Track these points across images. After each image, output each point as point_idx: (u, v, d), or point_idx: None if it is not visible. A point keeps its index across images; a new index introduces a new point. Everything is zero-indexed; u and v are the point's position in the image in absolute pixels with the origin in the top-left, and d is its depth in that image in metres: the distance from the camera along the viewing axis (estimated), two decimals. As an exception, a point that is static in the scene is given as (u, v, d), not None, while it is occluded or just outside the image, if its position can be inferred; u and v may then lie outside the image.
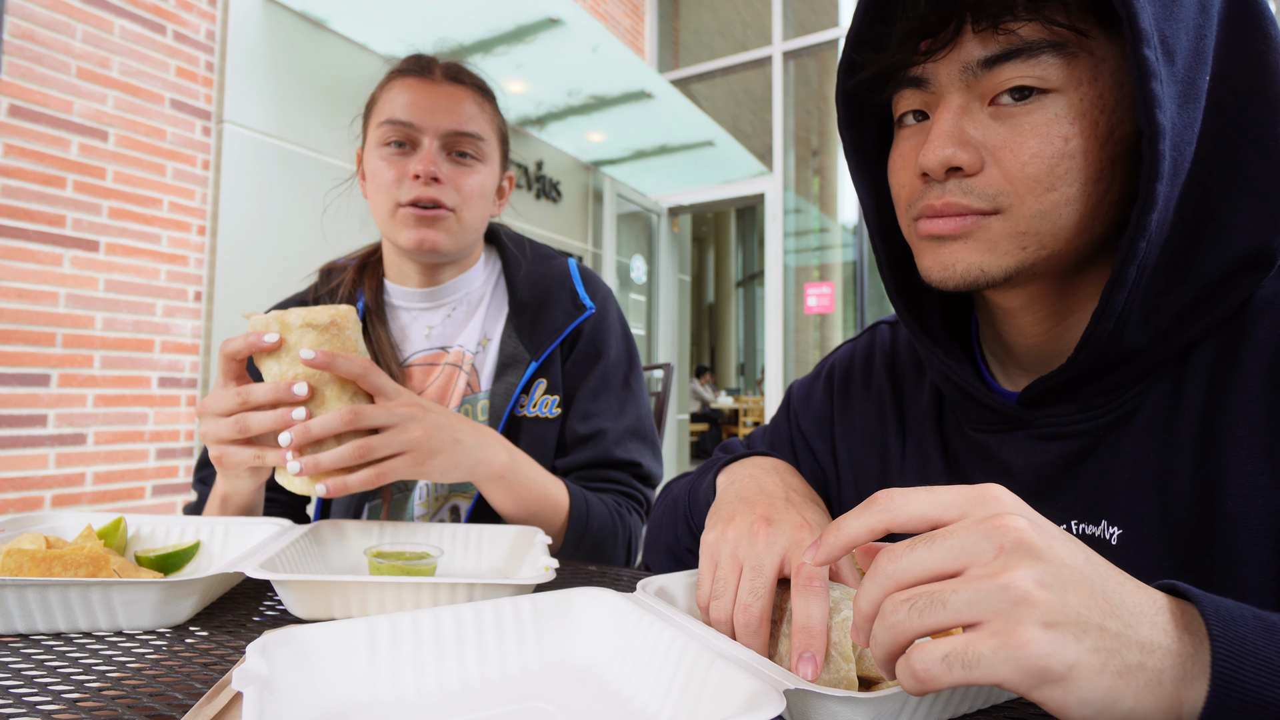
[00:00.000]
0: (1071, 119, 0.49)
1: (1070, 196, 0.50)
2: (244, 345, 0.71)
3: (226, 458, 0.73)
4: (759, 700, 0.35)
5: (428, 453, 0.76)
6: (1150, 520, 0.52)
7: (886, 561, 0.35)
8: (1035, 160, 0.49)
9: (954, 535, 0.33)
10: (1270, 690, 0.30)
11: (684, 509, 0.74)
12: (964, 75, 0.52)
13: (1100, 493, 0.55)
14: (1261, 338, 0.50)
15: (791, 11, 6.31)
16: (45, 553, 0.59)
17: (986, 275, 0.53)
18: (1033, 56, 0.49)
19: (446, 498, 1.03)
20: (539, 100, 4.87)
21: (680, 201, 6.75)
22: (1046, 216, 0.51)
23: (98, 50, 2.87)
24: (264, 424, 0.71)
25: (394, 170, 0.97)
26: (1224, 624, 0.32)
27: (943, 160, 0.52)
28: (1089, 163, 0.50)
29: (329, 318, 0.72)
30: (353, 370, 0.72)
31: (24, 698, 0.44)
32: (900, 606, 0.33)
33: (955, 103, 0.52)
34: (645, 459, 1.06)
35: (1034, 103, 0.50)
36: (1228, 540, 0.49)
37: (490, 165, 1.03)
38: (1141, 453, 0.53)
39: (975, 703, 0.44)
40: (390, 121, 0.97)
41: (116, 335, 2.93)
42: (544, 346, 1.03)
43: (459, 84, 1.01)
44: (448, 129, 0.97)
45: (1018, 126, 0.50)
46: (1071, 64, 0.49)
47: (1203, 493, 0.50)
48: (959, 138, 0.52)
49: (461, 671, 0.47)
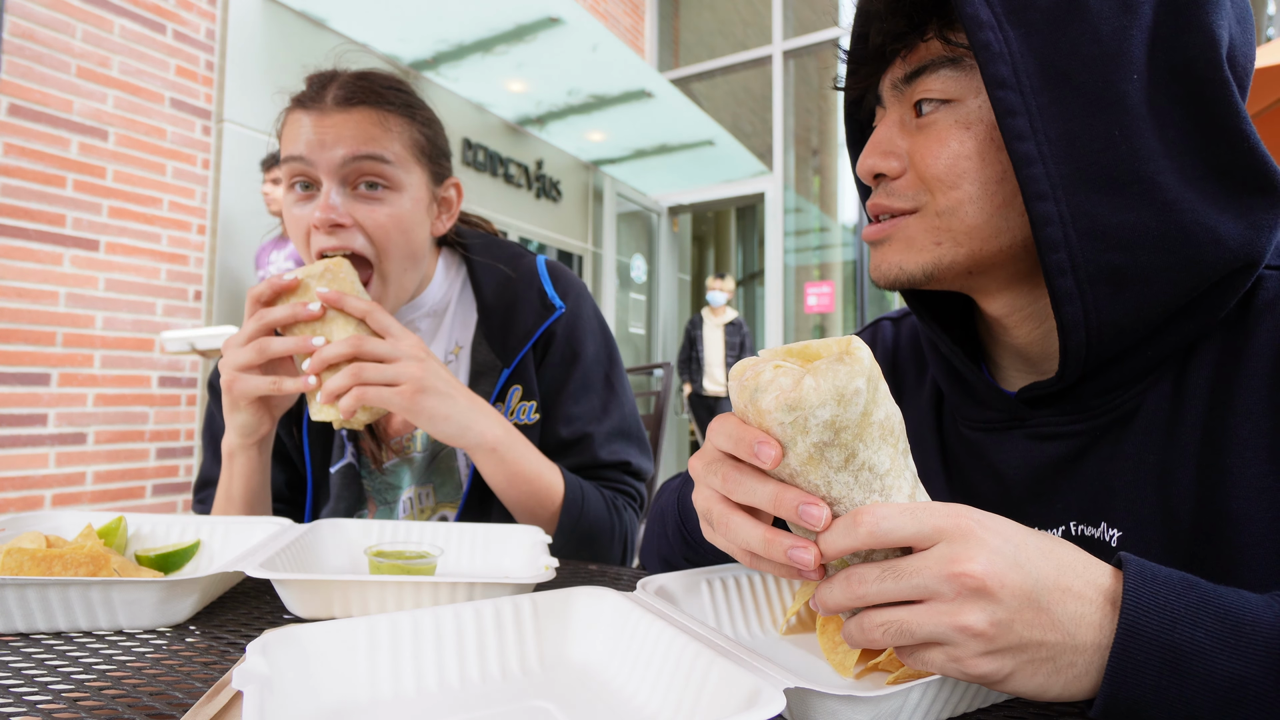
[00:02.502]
0: (966, 124, 0.53)
1: (972, 195, 0.53)
2: (268, 288, 0.80)
3: (238, 383, 0.80)
4: (759, 699, 0.35)
5: (420, 390, 0.79)
6: (1151, 522, 0.52)
7: (857, 585, 0.39)
8: (936, 161, 0.54)
9: (918, 575, 0.38)
10: (1170, 633, 0.37)
11: (674, 518, 0.74)
12: (894, 91, 0.58)
13: (1099, 494, 0.55)
14: (1264, 339, 0.50)
15: (792, 11, 6.31)
16: (45, 552, 0.59)
17: (906, 273, 0.57)
18: (934, 71, 0.54)
19: (434, 509, 1.02)
20: (539, 99, 4.87)
21: (680, 201, 6.75)
22: (954, 213, 0.54)
23: (98, 49, 2.87)
24: (284, 347, 0.80)
25: (300, 215, 0.89)
26: (1138, 583, 0.38)
27: (867, 168, 0.59)
28: (986, 164, 0.53)
29: (323, 268, 0.82)
30: (360, 307, 0.81)
31: (24, 696, 0.44)
32: (875, 629, 0.39)
33: (893, 116, 0.59)
34: (634, 457, 1.05)
35: (938, 112, 0.55)
36: (1230, 542, 0.48)
37: (409, 189, 0.92)
38: (1142, 454, 0.53)
39: (975, 702, 0.44)
40: (289, 158, 0.89)
41: (117, 335, 2.94)
42: (515, 352, 1.00)
43: (355, 106, 0.88)
44: (343, 156, 0.86)
45: (926, 134, 0.55)
46: (967, 76, 0.53)
47: (1205, 494, 0.50)
48: (885, 147, 0.58)
49: (461, 670, 0.47)
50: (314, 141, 0.87)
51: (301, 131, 0.88)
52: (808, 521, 0.39)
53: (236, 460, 0.86)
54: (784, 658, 0.53)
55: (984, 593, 0.37)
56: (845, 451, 0.38)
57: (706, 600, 0.58)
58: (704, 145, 5.72)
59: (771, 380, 0.38)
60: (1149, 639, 0.37)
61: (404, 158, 0.91)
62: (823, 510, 0.39)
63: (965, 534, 0.38)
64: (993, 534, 0.38)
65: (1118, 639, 0.37)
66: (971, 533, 0.38)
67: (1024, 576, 0.37)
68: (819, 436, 0.37)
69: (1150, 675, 0.37)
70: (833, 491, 0.39)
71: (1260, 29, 4.57)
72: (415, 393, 0.79)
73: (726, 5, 6.85)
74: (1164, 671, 0.37)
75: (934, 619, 0.37)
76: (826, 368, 0.37)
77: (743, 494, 0.41)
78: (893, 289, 0.60)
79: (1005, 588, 0.37)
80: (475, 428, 0.84)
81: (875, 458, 0.39)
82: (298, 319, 0.80)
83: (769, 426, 0.39)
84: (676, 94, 5.02)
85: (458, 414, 0.82)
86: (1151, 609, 0.37)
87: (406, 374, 0.79)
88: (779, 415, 0.38)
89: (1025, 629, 0.37)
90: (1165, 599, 0.38)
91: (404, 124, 0.92)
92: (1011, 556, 0.38)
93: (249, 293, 0.81)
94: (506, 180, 5.15)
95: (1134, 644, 0.37)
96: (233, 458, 0.86)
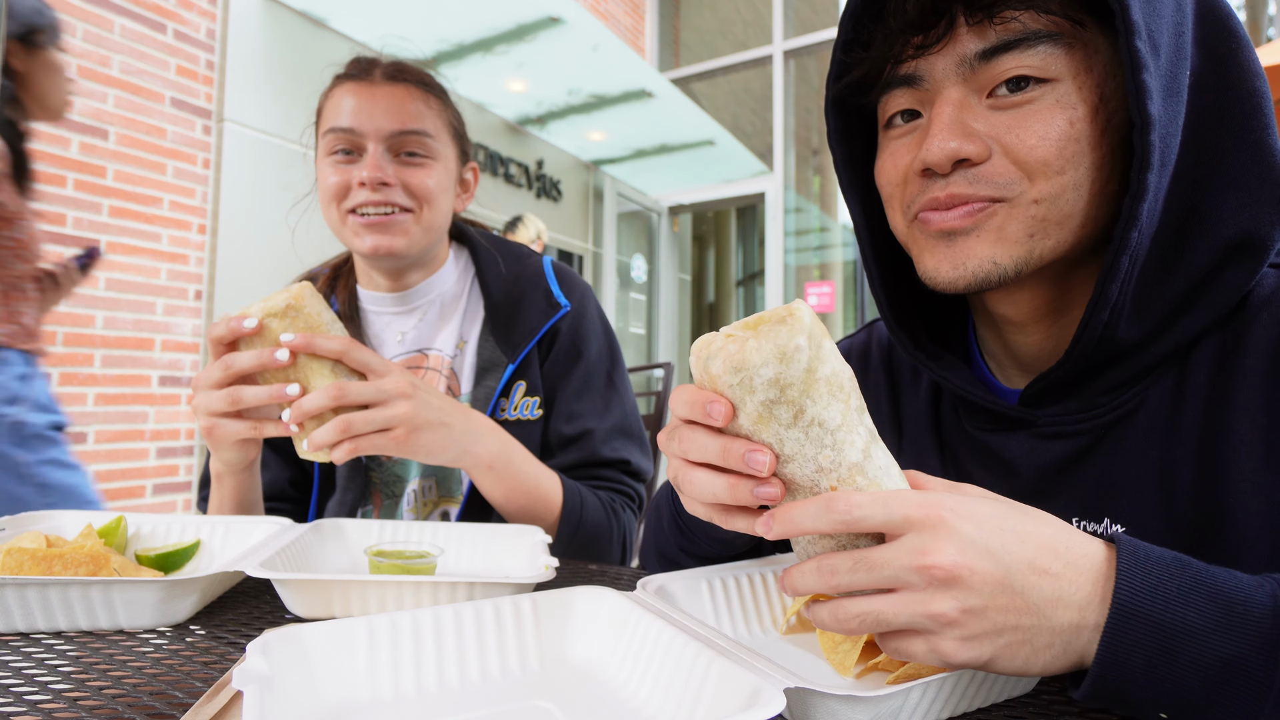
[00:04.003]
0: (1074, 103, 0.49)
1: (1079, 180, 0.50)
2: (226, 330, 0.75)
3: (217, 429, 0.77)
4: (759, 699, 0.35)
5: (414, 430, 0.77)
6: (1152, 517, 0.52)
7: (829, 575, 0.40)
8: (1043, 143, 0.49)
9: (888, 568, 0.39)
10: (1163, 613, 0.37)
11: (669, 511, 0.74)
12: (960, 69, 0.51)
13: (1103, 491, 0.55)
14: (1260, 335, 0.50)
15: (792, 10, 6.30)
16: (45, 551, 0.59)
17: (999, 268, 0.52)
18: (1031, 46, 0.49)
19: (436, 503, 1.02)
20: (539, 99, 4.86)
21: (680, 200, 6.74)
22: (1056, 201, 0.50)
23: (98, 49, 2.87)
24: (258, 398, 0.75)
25: (340, 178, 0.95)
26: (1131, 563, 0.38)
27: (949, 153, 0.51)
28: (1093, 147, 0.50)
29: (284, 303, 0.75)
30: (334, 349, 0.75)
31: (24, 696, 0.44)
32: (852, 618, 0.40)
33: (953, 96, 0.52)
34: (634, 456, 1.06)
35: (1034, 91, 0.50)
36: (1229, 537, 0.49)
37: (444, 161, 1.00)
38: (1144, 450, 0.54)
39: (975, 702, 0.44)
40: (334, 130, 0.95)
41: (117, 334, 2.94)
42: (520, 348, 1.01)
43: (400, 83, 0.97)
44: (391, 130, 0.94)
45: (1022, 114, 0.50)
46: (1069, 53, 0.49)
47: (1205, 490, 0.50)
48: (962, 129, 0.51)
49: (462, 670, 0.47)
50: (364, 112, 0.94)
51: (350, 102, 0.95)
52: (754, 467, 0.40)
53: (226, 482, 0.86)
54: (784, 658, 0.53)
55: (954, 582, 0.37)
56: (793, 408, 0.39)
57: (706, 600, 0.58)
58: (704, 145, 5.71)
59: (721, 347, 0.40)
60: (1141, 619, 0.37)
61: (442, 133, 1.00)
62: (766, 455, 0.40)
63: (935, 524, 0.38)
64: (965, 520, 0.38)
65: (1110, 619, 0.37)
66: (942, 522, 0.38)
67: (995, 564, 0.38)
68: (765, 395, 0.39)
69: (1141, 655, 0.37)
70: (785, 449, 0.40)
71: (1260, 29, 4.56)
72: (410, 434, 0.77)
73: (727, 5, 6.84)
74: (1155, 651, 0.37)
75: (907, 608, 0.38)
76: (769, 330, 0.39)
77: (697, 451, 0.43)
78: (972, 289, 0.53)
79: (976, 574, 0.37)
80: (472, 450, 0.84)
81: (825, 413, 0.40)
82: (266, 368, 0.75)
83: (720, 389, 0.41)
84: (677, 94, 5.01)
85: (453, 442, 0.81)
86: (1144, 590, 0.38)
87: (398, 417, 0.76)
88: (727, 378, 0.40)
89: (999, 615, 0.38)
90: (1158, 579, 0.38)
91: (440, 105, 1.01)
92: (983, 544, 0.38)
93: (209, 331, 0.76)
94: (507, 180, 5.14)
95: (1127, 624, 0.37)
96: (222, 480, 0.86)
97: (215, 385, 0.75)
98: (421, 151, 0.97)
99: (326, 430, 0.74)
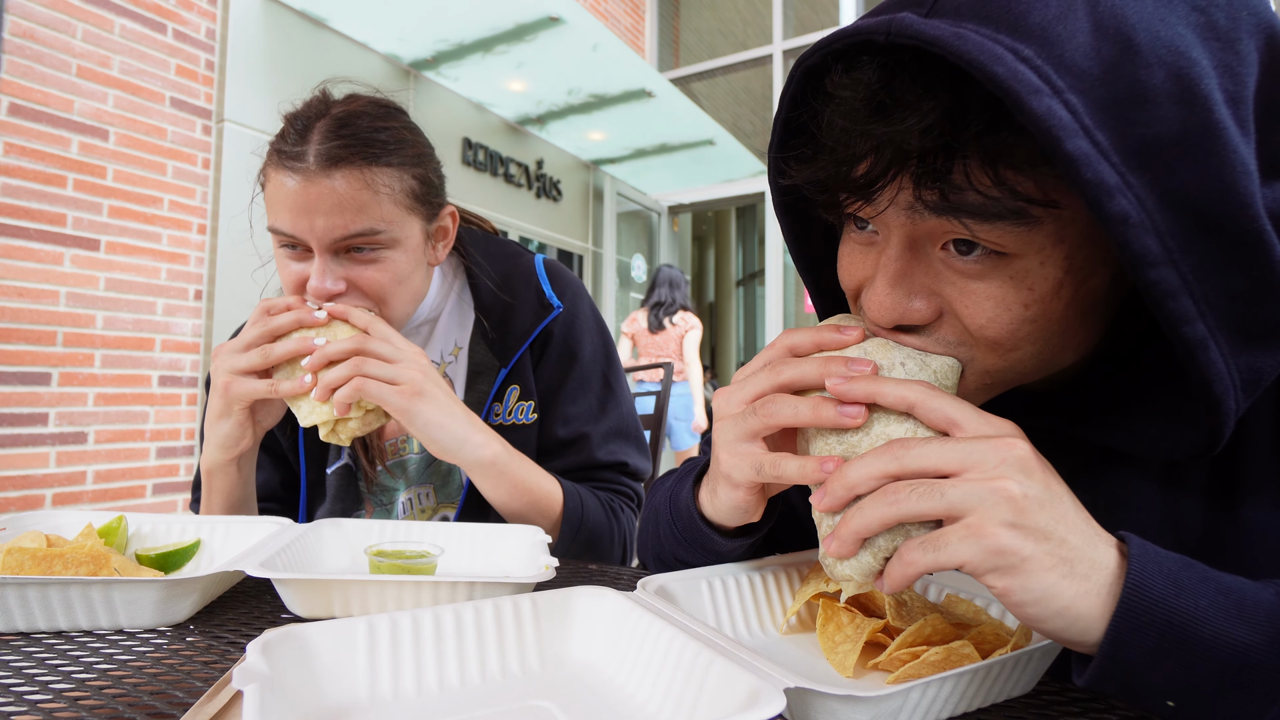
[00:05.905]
0: (1033, 282, 0.43)
1: (1034, 352, 0.47)
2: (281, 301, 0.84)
3: (235, 385, 0.81)
4: (759, 699, 0.35)
5: (418, 392, 0.80)
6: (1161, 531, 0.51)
7: (900, 448, 0.41)
8: (993, 324, 0.45)
9: (966, 444, 0.40)
10: (1175, 599, 0.37)
11: (666, 518, 0.73)
12: (910, 214, 0.44)
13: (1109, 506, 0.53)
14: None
15: (792, 10, 6.30)
16: (46, 551, 0.59)
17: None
18: (992, 222, 0.41)
19: (435, 509, 1.02)
20: (539, 99, 4.86)
21: (680, 200, 6.75)
22: (1011, 370, 0.48)
23: (98, 49, 2.87)
24: (288, 348, 0.81)
25: (294, 272, 0.87)
26: (1142, 552, 0.39)
27: (892, 319, 0.47)
28: (1051, 320, 0.45)
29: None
30: (364, 319, 0.83)
31: (25, 695, 0.44)
32: (903, 489, 0.40)
33: (901, 236, 0.46)
34: (631, 457, 1.05)
35: (986, 263, 0.44)
36: (1243, 551, 0.48)
37: (403, 244, 0.88)
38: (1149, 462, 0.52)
39: (975, 702, 0.44)
40: (275, 230, 0.85)
41: (117, 334, 2.94)
42: (512, 351, 0.99)
43: (340, 167, 0.82)
44: (333, 238, 0.83)
45: (969, 288, 0.45)
46: (1032, 231, 0.41)
47: (1216, 501, 0.50)
48: (908, 288, 0.46)
49: (462, 670, 0.47)
50: (301, 214, 0.82)
51: (286, 199, 0.82)
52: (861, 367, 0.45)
53: (216, 479, 0.86)
54: (784, 658, 0.53)
55: (1026, 467, 0.39)
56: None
57: (706, 600, 0.58)
58: (704, 145, 5.71)
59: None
60: (1152, 602, 0.37)
61: (395, 216, 0.86)
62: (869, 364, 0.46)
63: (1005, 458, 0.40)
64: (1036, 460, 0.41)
65: (1121, 600, 0.37)
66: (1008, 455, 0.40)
67: (1059, 482, 0.40)
68: None
69: (1151, 639, 0.37)
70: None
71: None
72: (413, 394, 0.79)
73: (727, 5, 6.84)
74: (1165, 637, 0.37)
75: (969, 483, 0.38)
76: None
77: (791, 372, 0.47)
78: None
79: (1047, 474, 0.40)
80: (472, 441, 0.83)
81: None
82: (303, 324, 0.82)
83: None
84: (676, 94, 5.01)
85: (454, 425, 0.82)
86: (1156, 576, 0.38)
87: (407, 376, 0.80)
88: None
89: (1051, 520, 0.38)
90: (1169, 569, 0.38)
91: (393, 176, 0.86)
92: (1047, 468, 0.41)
93: (262, 301, 0.84)
94: (507, 180, 5.14)
95: (1138, 606, 0.37)
96: (212, 476, 0.86)
97: (249, 345, 0.81)
98: (371, 247, 0.86)
99: (339, 369, 0.79)
